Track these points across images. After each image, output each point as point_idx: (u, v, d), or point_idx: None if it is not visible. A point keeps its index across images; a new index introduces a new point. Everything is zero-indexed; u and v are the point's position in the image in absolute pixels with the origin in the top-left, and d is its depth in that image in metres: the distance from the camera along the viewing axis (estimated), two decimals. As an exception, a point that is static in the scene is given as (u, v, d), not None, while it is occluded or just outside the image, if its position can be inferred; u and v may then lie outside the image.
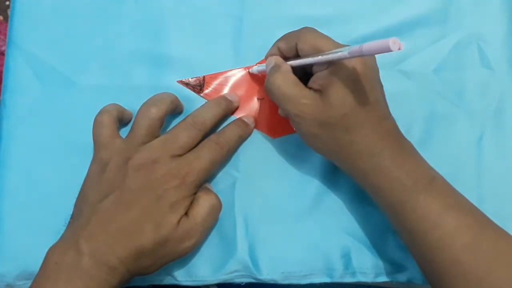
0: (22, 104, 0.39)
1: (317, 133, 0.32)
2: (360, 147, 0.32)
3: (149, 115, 0.34)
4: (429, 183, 0.31)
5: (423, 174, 0.32)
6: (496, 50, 0.40)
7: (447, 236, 0.30)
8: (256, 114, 0.39)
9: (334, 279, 0.36)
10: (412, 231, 0.31)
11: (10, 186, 0.37)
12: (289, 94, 0.32)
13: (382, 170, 0.31)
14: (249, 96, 0.39)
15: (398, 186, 0.31)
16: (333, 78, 0.31)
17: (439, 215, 0.30)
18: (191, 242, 0.33)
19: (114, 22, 0.40)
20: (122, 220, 0.31)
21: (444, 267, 0.30)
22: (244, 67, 0.40)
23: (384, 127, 0.32)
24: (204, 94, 0.39)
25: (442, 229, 0.30)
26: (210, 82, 0.39)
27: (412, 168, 0.32)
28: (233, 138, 0.37)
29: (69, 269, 0.30)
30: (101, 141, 0.35)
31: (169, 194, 0.32)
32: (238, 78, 0.40)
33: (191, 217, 0.33)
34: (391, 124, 0.33)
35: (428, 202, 0.31)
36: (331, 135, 0.32)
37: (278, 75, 0.33)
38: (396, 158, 0.32)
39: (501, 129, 0.39)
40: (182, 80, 0.39)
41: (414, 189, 0.31)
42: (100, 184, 0.33)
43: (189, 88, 0.39)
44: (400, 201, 0.31)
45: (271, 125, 0.39)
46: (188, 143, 0.34)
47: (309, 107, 0.32)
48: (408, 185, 0.31)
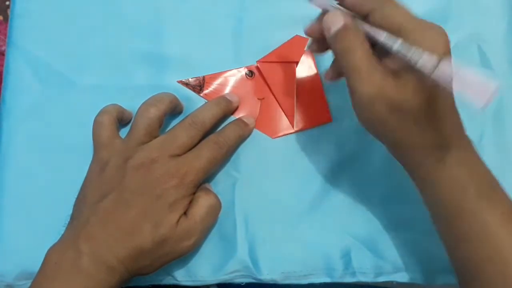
0: (22, 104, 0.39)
1: (386, 119, 0.29)
2: (426, 140, 0.29)
3: (148, 115, 0.34)
4: (491, 189, 0.30)
5: (485, 177, 0.30)
6: (496, 50, 0.40)
7: (503, 250, 0.29)
8: (256, 114, 0.39)
9: (334, 279, 0.36)
10: (463, 238, 0.30)
11: (10, 186, 0.37)
12: (364, 68, 0.28)
13: (442, 165, 0.30)
14: (250, 95, 0.39)
15: (458, 187, 0.30)
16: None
17: (498, 226, 0.29)
18: (191, 242, 0.33)
19: (114, 22, 0.40)
20: (121, 219, 0.31)
21: (491, 279, 0.29)
22: (245, 67, 0.40)
23: (452, 121, 0.30)
24: (204, 94, 0.39)
25: (498, 242, 0.29)
26: (210, 82, 0.39)
27: (475, 168, 0.30)
28: (233, 138, 0.36)
29: (68, 269, 0.30)
30: (100, 141, 0.35)
31: (168, 193, 0.32)
32: (238, 78, 0.40)
33: (190, 216, 0.33)
34: (458, 118, 0.31)
35: (489, 213, 0.29)
36: (400, 123, 0.29)
37: (353, 40, 0.28)
38: (460, 154, 0.30)
39: (501, 129, 0.39)
40: (182, 80, 0.39)
41: (477, 195, 0.29)
42: (100, 184, 0.33)
43: (189, 88, 0.39)
44: (458, 205, 0.30)
45: (270, 125, 0.39)
46: (187, 143, 0.34)
47: (385, 87, 0.28)
48: (470, 190, 0.30)
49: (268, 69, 0.39)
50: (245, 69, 0.40)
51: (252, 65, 0.40)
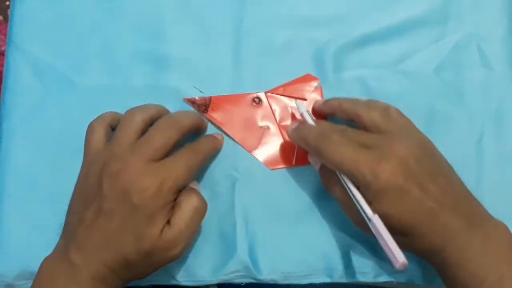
0: (22, 104, 0.39)
1: (406, 186, 0.30)
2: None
3: (133, 118, 0.33)
4: (497, 282, 0.29)
5: (490, 272, 0.29)
6: (496, 50, 0.40)
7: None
8: (258, 142, 0.38)
9: (334, 279, 0.36)
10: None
11: (10, 186, 0.37)
12: (346, 201, 0.33)
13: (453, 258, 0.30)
14: (254, 122, 0.39)
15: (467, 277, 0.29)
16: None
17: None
18: (177, 250, 0.32)
19: (114, 22, 0.40)
20: (104, 230, 0.31)
21: None
22: (254, 92, 0.39)
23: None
24: (209, 115, 0.38)
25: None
26: (216, 103, 0.39)
27: (483, 262, 0.29)
28: (208, 148, 0.36)
29: (63, 281, 0.30)
30: (88, 146, 0.34)
31: (145, 204, 0.30)
32: (245, 102, 0.39)
33: (173, 225, 0.31)
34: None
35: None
36: (418, 188, 0.30)
37: (327, 180, 0.34)
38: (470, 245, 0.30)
39: (501, 129, 0.39)
40: (189, 97, 0.39)
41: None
42: (84, 192, 0.32)
43: (194, 107, 0.39)
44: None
45: (270, 156, 0.38)
46: (164, 144, 0.32)
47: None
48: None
49: (275, 101, 0.39)
50: (253, 95, 0.39)
51: (261, 92, 0.39)
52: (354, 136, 0.32)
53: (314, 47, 0.40)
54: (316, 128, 0.34)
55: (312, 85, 0.39)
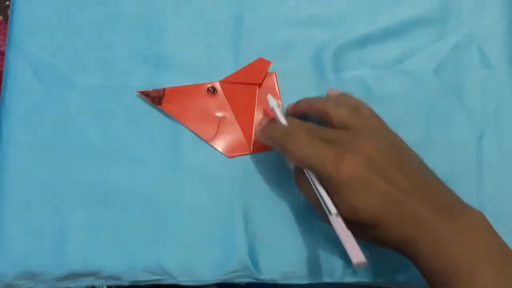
0: (22, 104, 0.39)
1: (369, 179, 0.29)
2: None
3: None
4: (468, 273, 0.28)
5: (461, 263, 0.29)
6: (496, 50, 0.40)
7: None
8: (214, 131, 0.39)
9: (334, 279, 0.36)
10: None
11: (10, 187, 0.37)
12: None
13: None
14: (209, 112, 0.39)
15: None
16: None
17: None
18: None
19: (114, 22, 0.40)
20: None
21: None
22: (208, 82, 0.39)
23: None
24: (163, 106, 0.38)
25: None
26: (170, 95, 0.39)
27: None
28: None
29: None
30: None
31: None
32: (200, 93, 0.39)
33: None
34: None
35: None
36: (386, 181, 0.30)
37: (301, 184, 0.33)
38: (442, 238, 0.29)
39: (501, 129, 0.39)
40: (143, 90, 0.39)
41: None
42: None
43: (148, 99, 0.38)
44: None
45: (227, 144, 0.38)
46: None
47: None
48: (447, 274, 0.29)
49: (230, 89, 0.39)
50: (208, 85, 0.39)
51: (216, 82, 0.39)
52: (320, 133, 0.32)
53: (314, 47, 0.40)
54: (282, 127, 0.34)
55: (264, 69, 0.39)
